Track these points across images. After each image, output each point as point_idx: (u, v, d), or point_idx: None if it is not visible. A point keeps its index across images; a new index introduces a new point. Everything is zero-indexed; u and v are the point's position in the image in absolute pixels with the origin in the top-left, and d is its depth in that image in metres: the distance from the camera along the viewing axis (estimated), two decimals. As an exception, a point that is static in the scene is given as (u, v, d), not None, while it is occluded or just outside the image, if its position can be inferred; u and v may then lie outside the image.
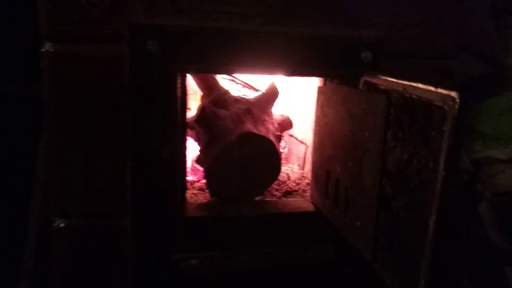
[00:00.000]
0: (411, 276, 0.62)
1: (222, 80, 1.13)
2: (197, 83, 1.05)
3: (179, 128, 0.86)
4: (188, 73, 0.92)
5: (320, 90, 0.91)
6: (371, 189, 0.71)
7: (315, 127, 0.93)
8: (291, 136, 1.29)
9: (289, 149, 1.31)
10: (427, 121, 0.59)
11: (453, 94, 0.53)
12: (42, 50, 0.78)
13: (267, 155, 0.95)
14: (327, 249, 0.95)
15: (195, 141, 1.07)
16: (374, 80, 0.76)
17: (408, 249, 0.65)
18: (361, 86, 0.79)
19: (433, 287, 0.59)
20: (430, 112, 0.58)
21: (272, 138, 0.97)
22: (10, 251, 0.97)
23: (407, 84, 0.65)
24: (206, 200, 1.02)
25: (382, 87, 0.72)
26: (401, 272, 0.67)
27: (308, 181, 1.13)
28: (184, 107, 0.90)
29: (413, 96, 0.63)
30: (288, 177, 1.16)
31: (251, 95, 1.11)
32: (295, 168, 1.23)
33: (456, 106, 0.52)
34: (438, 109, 0.56)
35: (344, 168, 0.80)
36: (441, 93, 0.56)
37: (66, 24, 0.77)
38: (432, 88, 0.58)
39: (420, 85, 0.61)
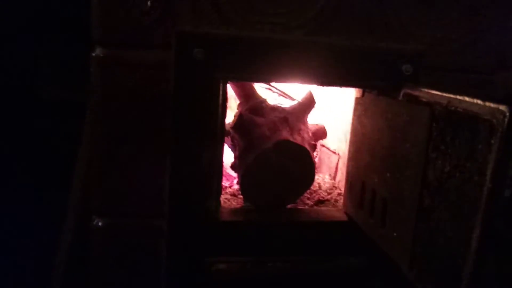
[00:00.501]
0: (451, 288, 0.62)
1: (260, 88, 1.16)
2: (235, 91, 1.07)
3: (218, 135, 0.89)
4: (230, 81, 0.95)
5: (358, 101, 0.92)
6: (410, 200, 0.71)
7: (351, 137, 0.94)
8: (323, 146, 1.30)
9: (320, 159, 1.32)
10: (473, 134, 0.60)
11: (503, 107, 0.54)
12: (93, 54, 0.82)
13: (302, 163, 0.96)
14: (359, 259, 0.95)
15: (230, 147, 1.10)
16: (416, 93, 0.76)
17: (447, 263, 0.64)
18: (401, 98, 0.80)
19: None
20: (476, 125, 0.58)
21: (307, 147, 0.98)
22: (47, 250, 1.00)
23: (452, 97, 0.65)
24: (239, 206, 1.04)
25: (424, 100, 0.73)
26: (437, 284, 0.67)
27: (339, 191, 1.13)
28: (224, 114, 0.92)
29: (458, 109, 0.63)
30: (319, 187, 1.17)
31: (287, 104, 1.13)
32: (326, 178, 1.23)
33: (506, 120, 0.53)
34: (485, 122, 0.57)
35: (382, 179, 0.80)
36: (489, 107, 0.56)
37: (117, 30, 0.81)
38: (479, 102, 0.58)
39: (467, 98, 0.62)
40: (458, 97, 0.64)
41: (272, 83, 1.19)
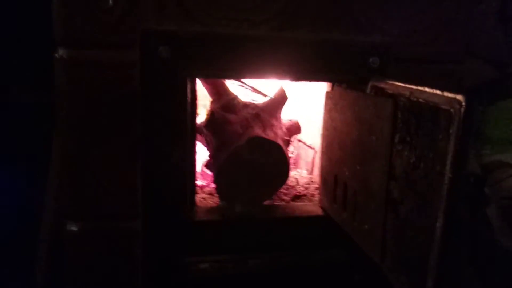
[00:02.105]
0: (418, 278, 0.62)
1: (231, 85, 1.15)
2: (206, 88, 1.06)
3: (188, 133, 0.88)
4: (198, 78, 0.94)
5: (328, 95, 0.92)
6: (379, 192, 0.71)
7: (323, 131, 0.94)
8: (300, 141, 1.30)
9: (297, 154, 1.32)
10: (434, 125, 0.60)
11: (459, 97, 0.54)
12: (56, 56, 0.80)
13: (275, 159, 0.95)
14: (336, 253, 0.95)
15: (204, 146, 1.09)
16: (381, 85, 0.76)
17: (416, 252, 0.65)
18: (368, 90, 0.80)
19: (441, 289, 0.59)
20: (437, 116, 0.59)
21: (280, 142, 0.97)
22: (25, 255, 0.99)
23: (413, 88, 0.65)
24: (215, 204, 1.03)
25: (389, 92, 0.73)
26: (408, 274, 0.67)
27: (316, 186, 1.13)
28: (194, 112, 0.91)
29: (420, 100, 0.63)
30: (297, 182, 1.17)
31: (260, 100, 1.13)
32: (304, 173, 1.23)
33: (462, 109, 0.53)
34: (444, 112, 0.57)
35: (352, 172, 0.80)
36: (447, 97, 0.56)
37: (80, 30, 0.79)
38: (438, 92, 0.59)
39: (427, 89, 0.62)
40: (420, 88, 0.64)
41: (243, 80, 1.19)
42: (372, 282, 0.91)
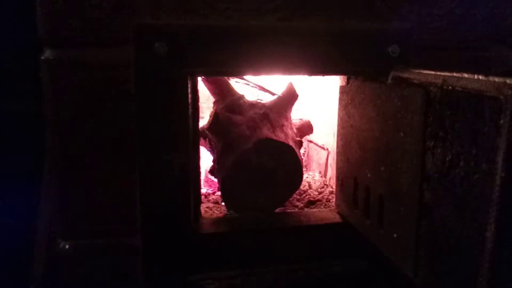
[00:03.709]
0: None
1: (236, 84, 1.07)
2: (209, 88, 0.98)
3: (191, 137, 0.79)
4: (199, 76, 0.86)
5: (343, 90, 0.83)
6: (410, 195, 0.63)
7: (339, 130, 0.86)
8: (310, 142, 1.21)
9: (308, 156, 1.23)
10: (476, 116, 0.51)
11: (511, 81, 0.45)
12: (42, 58, 0.73)
13: (287, 162, 0.87)
14: (358, 264, 0.86)
15: (208, 150, 1.01)
16: (406, 75, 0.68)
17: (458, 265, 0.56)
18: (389, 82, 0.72)
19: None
20: (480, 105, 0.50)
21: (292, 144, 0.89)
22: (19, 274, 0.91)
23: (448, 75, 0.57)
24: (222, 214, 0.95)
25: (416, 82, 0.65)
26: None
27: (331, 190, 1.05)
28: (196, 114, 0.83)
29: (457, 88, 0.55)
30: (309, 186, 1.08)
31: (267, 99, 1.04)
32: (316, 176, 1.15)
33: (517, 95, 0.44)
34: (491, 101, 0.48)
35: (376, 174, 0.72)
36: (495, 82, 0.48)
37: (66, 28, 0.72)
38: (481, 77, 0.50)
39: (466, 75, 0.53)
40: (455, 74, 0.56)
41: (248, 77, 1.10)
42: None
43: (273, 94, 1.12)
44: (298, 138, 0.97)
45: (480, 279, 0.51)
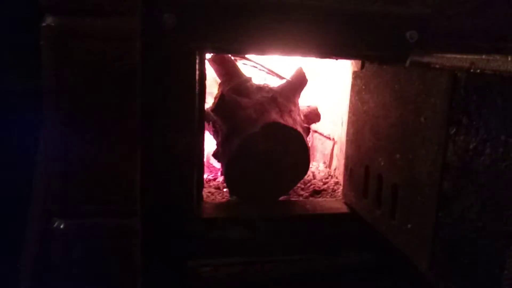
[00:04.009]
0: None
1: (243, 66, 1.03)
2: (215, 69, 0.94)
3: (196, 116, 0.76)
4: (207, 52, 0.82)
5: (357, 75, 0.80)
6: (429, 185, 0.60)
7: (350, 116, 0.82)
8: (315, 131, 1.18)
9: (312, 146, 1.20)
10: (507, 101, 0.48)
11: (553, 61, 0.42)
12: (43, 24, 0.68)
13: (295, 149, 0.84)
14: (364, 255, 0.84)
15: (212, 134, 0.97)
16: (426, 59, 0.65)
17: (478, 259, 0.53)
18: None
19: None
20: (514, 88, 0.47)
21: (300, 129, 0.86)
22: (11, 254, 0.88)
23: (476, 58, 0.54)
24: (224, 200, 0.91)
25: (438, 66, 0.62)
26: (466, 285, 0.56)
27: (336, 180, 1.02)
28: (202, 94, 0.80)
29: (486, 71, 0.52)
30: (314, 176, 1.05)
31: (275, 83, 1.01)
32: (321, 166, 1.12)
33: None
34: (527, 83, 0.45)
35: (390, 162, 0.69)
36: (533, 62, 0.45)
37: (70, -7, 0.67)
38: (517, 58, 0.47)
39: (498, 57, 0.50)
40: (485, 56, 0.52)
41: (257, 60, 1.06)
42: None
43: (281, 78, 1.08)
44: (306, 125, 0.94)
45: (506, 276, 0.48)
